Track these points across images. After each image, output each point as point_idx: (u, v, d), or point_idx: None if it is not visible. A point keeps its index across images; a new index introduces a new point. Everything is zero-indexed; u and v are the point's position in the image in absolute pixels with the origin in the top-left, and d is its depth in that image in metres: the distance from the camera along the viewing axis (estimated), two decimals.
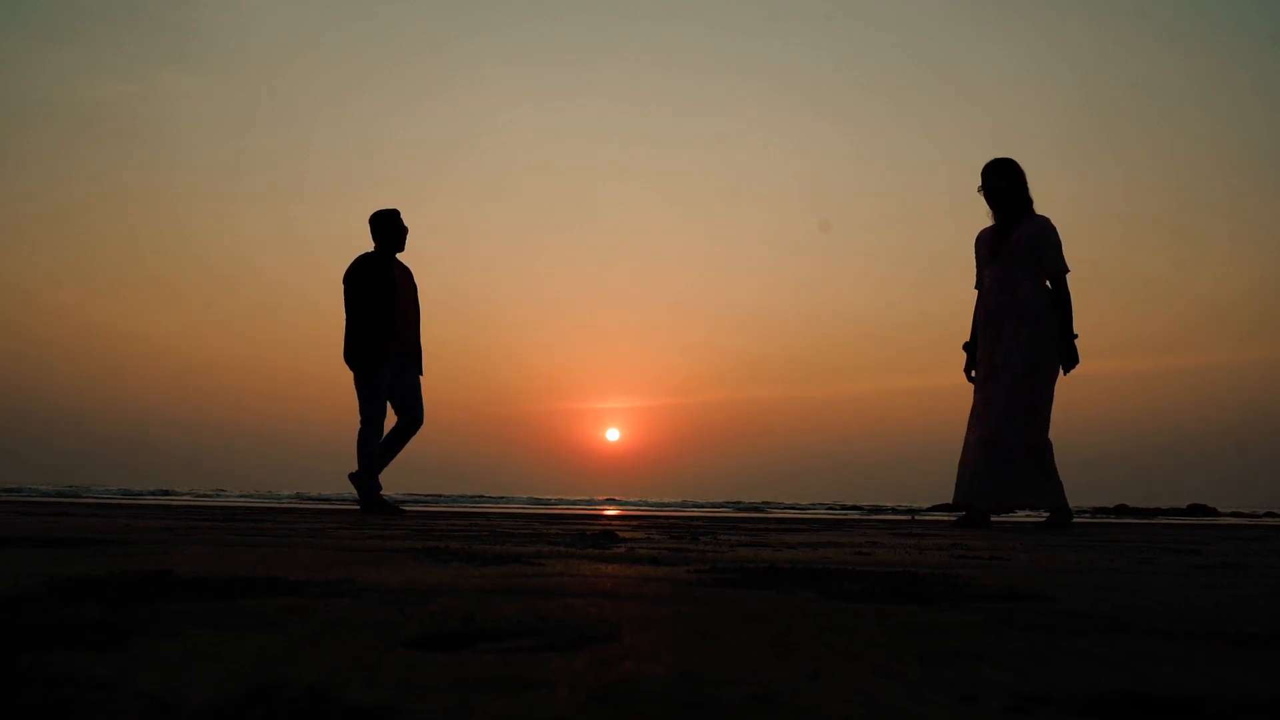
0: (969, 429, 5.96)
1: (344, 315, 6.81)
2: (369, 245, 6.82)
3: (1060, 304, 5.82)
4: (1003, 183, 5.95)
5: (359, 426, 6.76)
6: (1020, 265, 5.84)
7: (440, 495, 22.39)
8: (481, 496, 22.78)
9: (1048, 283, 5.85)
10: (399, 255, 6.95)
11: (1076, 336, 5.81)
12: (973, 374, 6.05)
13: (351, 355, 6.74)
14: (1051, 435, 5.94)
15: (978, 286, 6.10)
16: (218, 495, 18.49)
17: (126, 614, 1.21)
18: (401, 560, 2.19)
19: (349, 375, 6.75)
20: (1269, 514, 18.06)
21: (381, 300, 6.72)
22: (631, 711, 0.77)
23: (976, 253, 6.16)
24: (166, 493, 20.30)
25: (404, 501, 16.12)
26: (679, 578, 1.87)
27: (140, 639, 1.03)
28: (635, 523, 5.49)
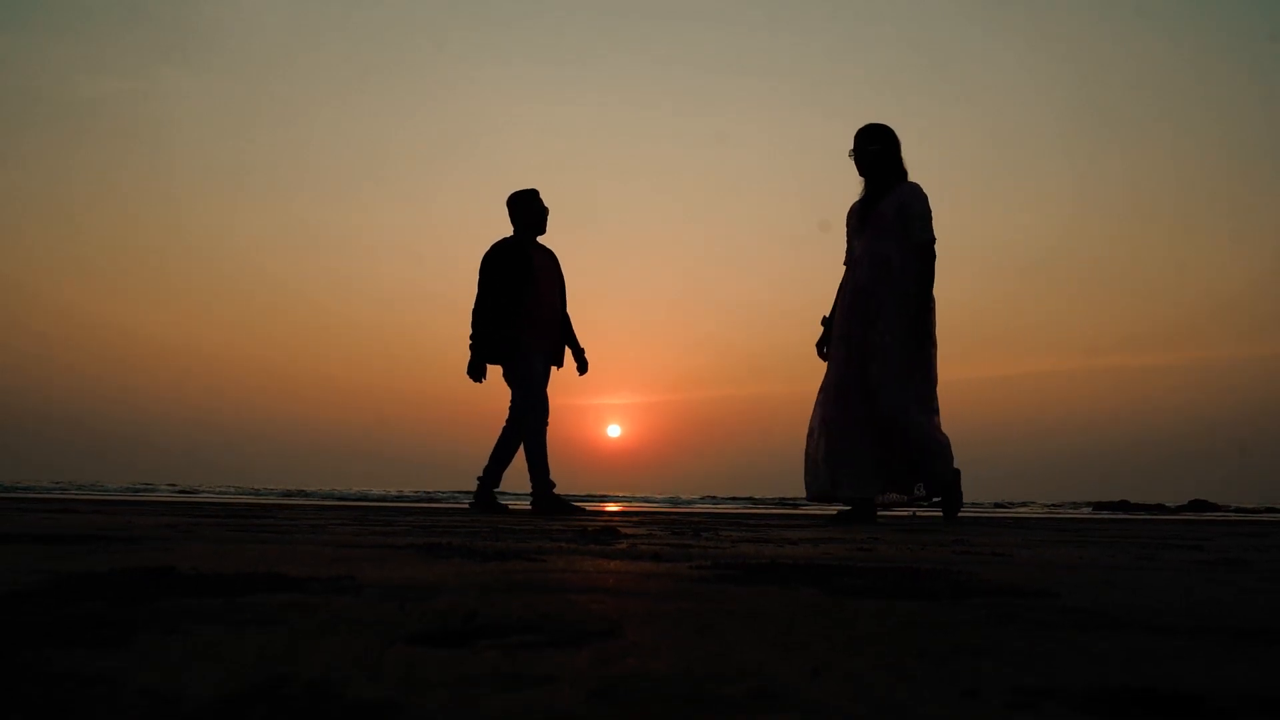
0: (836, 410, 5.57)
1: (476, 305, 6.43)
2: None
3: (920, 275, 5.50)
4: (876, 146, 5.66)
5: (528, 420, 6.35)
6: (890, 236, 5.55)
7: (459, 492, 22.36)
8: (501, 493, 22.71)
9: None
10: (540, 239, 6.56)
11: (930, 309, 5.52)
12: (826, 350, 5.77)
13: (485, 348, 6.36)
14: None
15: (847, 262, 5.80)
16: (198, 492, 18.41)
17: (128, 611, 1.21)
18: (403, 557, 2.19)
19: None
20: (1270, 509, 18.06)
21: (519, 286, 6.34)
22: (634, 707, 0.77)
23: (847, 225, 5.85)
24: (150, 488, 20.24)
25: (415, 500, 16.07)
26: (681, 574, 1.87)
27: (142, 636, 1.03)
28: (637, 519, 5.49)
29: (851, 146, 5.72)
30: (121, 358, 27.62)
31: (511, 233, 6.57)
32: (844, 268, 5.83)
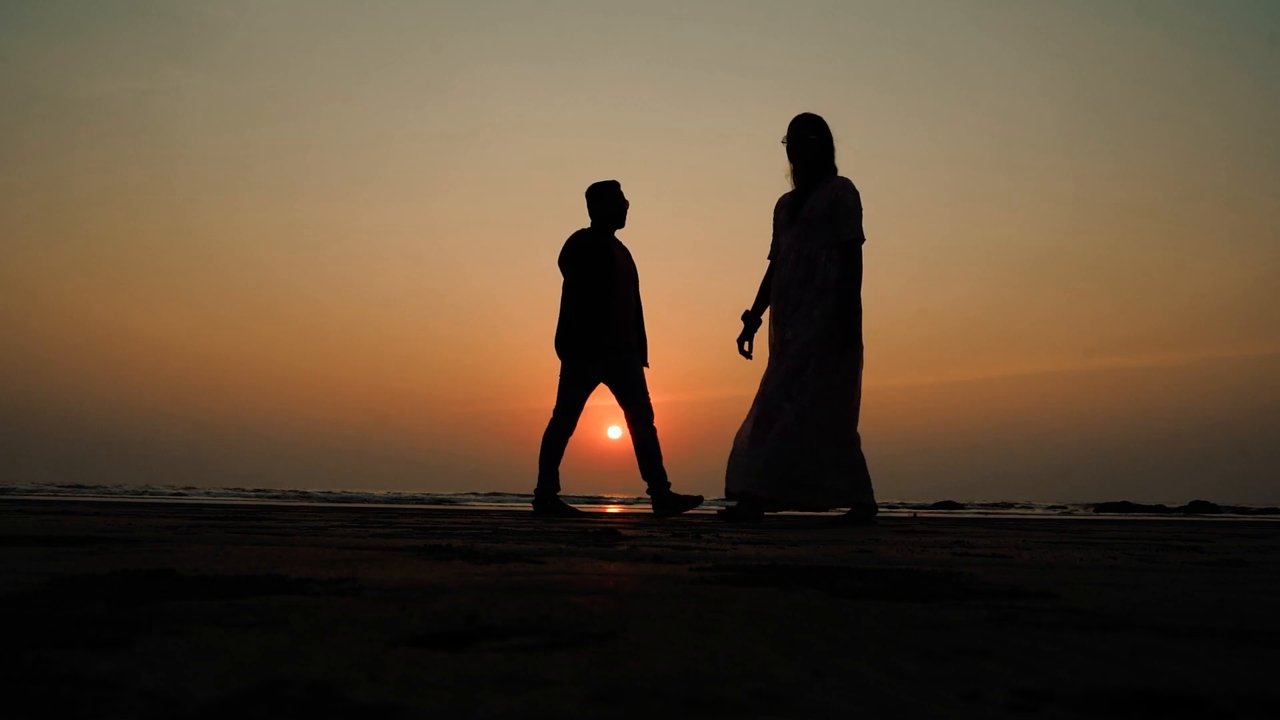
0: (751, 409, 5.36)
1: (560, 299, 6.18)
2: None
3: (846, 274, 5.21)
4: (814, 136, 5.40)
5: (551, 423, 6.16)
6: (818, 234, 5.28)
7: (466, 494, 22.33)
8: (497, 494, 22.72)
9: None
10: (618, 233, 6.29)
11: (858, 312, 5.23)
12: (746, 345, 5.56)
13: (562, 343, 6.12)
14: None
15: (771, 256, 5.55)
16: (188, 493, 18.33)
17: (129, 612, 1.21)
18: (404, 558, 2.19)
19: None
20: (1271, 510, 18.05)
21: (600, 283, 6.08)
22: (635, 709, 0.76)
23: (775, 219, 5.58)
24: (150, 490, 20.18)
25: (421, 501, 16.04)
26: (682, 575, 1.87)
27: (143, 637, 1.03)
28: (638, 520, 5.49)
29: (785, 134, 5.46)
30: (121, 358, 27.62)
31: (589, 224, 6.32)
32: (768, 262, 5.61)
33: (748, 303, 5.63)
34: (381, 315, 28.76)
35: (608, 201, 6.23)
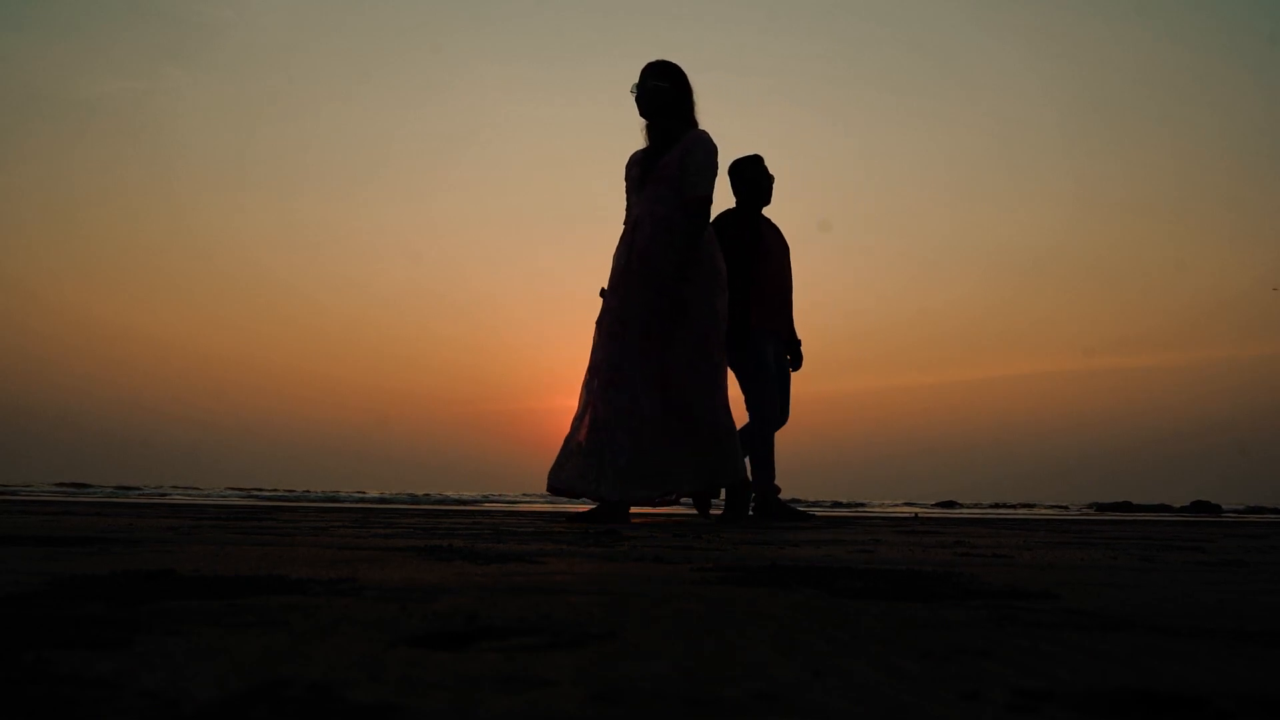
0: (611, 396, 4.83)
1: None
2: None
3: (689, 234, 4.81)
4: (665, 84, 4.94)
5: (757, 415, 5.61)
6: (674, 194, 4.86)
7: (481, 494, 22.34)
8: (491, 495, 22.74)
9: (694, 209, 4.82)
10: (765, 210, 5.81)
11: (689, 280, 4.84)
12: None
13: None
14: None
15: (627, 222, 5.06)
16: (172, 493, 18.27)
17: (129, 612, 1.21)
18: (404, 558, 2.19)
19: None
20: (1273, 510, 18.04)
21: (747, 261, 5.57)
22: (635, 709, 0.76)
23: (626, 179, 5.12)
24: (150, 490, 20.14)
25: (425, 502, 16.05)
26: (682, 576, 1.87)
27: (143, 637, 1.03)
28: (638, 520, 5.49)
29: (636, 82, 5.04)
30: (121, 358, 27.64)
31: (734, 204, 5.85)
32: (623, 228, 5.10)
33: None
34: (381, 315, 28.80)
35: (749, 177, 5.77)
